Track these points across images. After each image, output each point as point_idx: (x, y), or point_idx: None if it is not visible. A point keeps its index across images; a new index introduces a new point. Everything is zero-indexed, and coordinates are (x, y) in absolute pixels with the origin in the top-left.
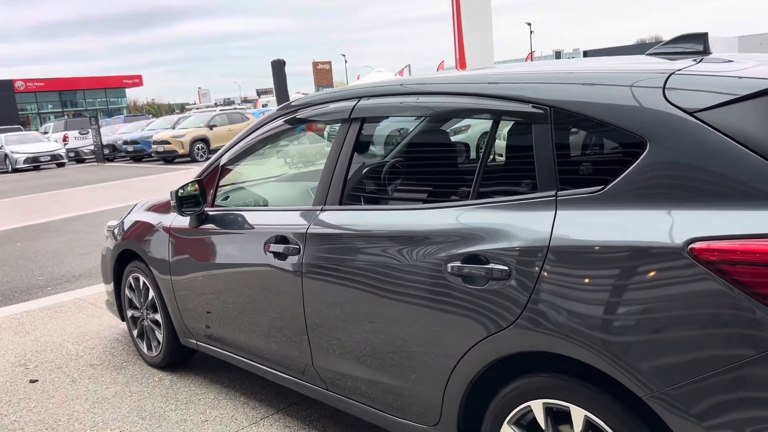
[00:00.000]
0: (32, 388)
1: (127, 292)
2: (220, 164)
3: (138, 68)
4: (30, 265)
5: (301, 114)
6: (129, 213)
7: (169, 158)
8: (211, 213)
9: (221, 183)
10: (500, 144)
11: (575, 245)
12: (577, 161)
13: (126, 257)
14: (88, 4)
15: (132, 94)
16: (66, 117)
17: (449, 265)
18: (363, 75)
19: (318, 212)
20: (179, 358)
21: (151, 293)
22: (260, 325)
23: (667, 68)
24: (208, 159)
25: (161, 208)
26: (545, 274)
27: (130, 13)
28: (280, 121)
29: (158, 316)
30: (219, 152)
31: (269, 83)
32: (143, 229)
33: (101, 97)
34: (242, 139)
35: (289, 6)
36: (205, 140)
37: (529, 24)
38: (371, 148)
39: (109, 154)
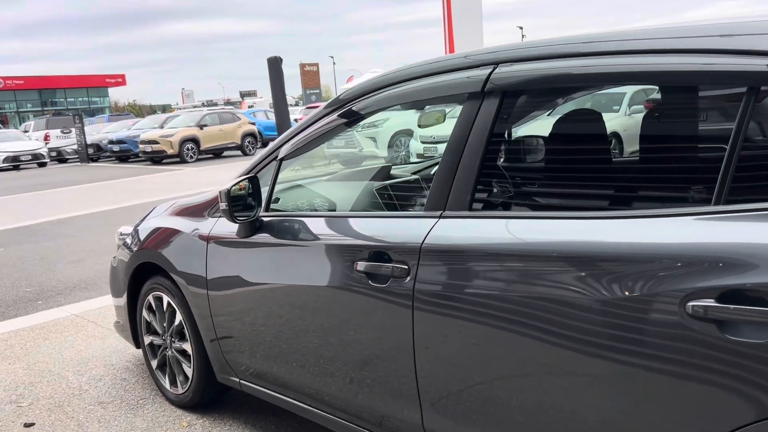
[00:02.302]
0: None
1: (145, 314)
2: (279, 157)
3: (120, 69)
4: (15, 274)
5: (389, 93)
6: (147, 217)
7: (157, 159)
8: (266, 219)
9: (278, 181)
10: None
11: None
12: None
13: (144, 271)
14: (70, 3)
15: (114, 94)
16: (47, 115)
17: (691, 304)
18: (356, 77)
19: (435, 221)
20: (211, 397)
21: (179, 317)
22: (339, 366)
23: None
24: (198, 160)
25: (194, 211)
26: None
27: (112, 13)
28: (362, 104)
29: (187, 346)
30: (275, 142)
31: (253, 85)
32: (170, 238)
33: (83, 96)
34: (307, 127)
35: (275, 8)
36: (195, 140)
37: (521, 28)
38: (518, 131)
39: (93, 154)
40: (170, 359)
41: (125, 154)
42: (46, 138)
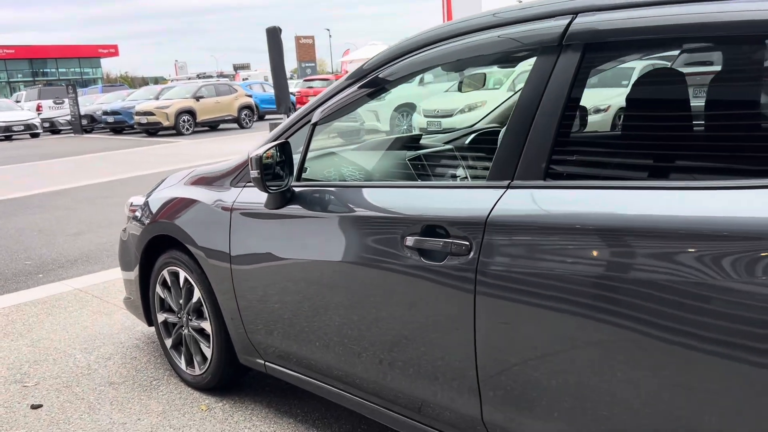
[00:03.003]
0: (35, 417)
1: (158, 290)
2: (312, 121)
3: (113, 40)
4: (14, 246)
5: (436, 52)
6: (160, 188)
7: (153, 131)
8: (297, 189)
9: (310, 148)
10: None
11: None
12: None
13: (158, 245)
14: None
15: (106, 65)
16: (39, 85)
17: None
18: (353, 50)
19: (502, 191)
20: (231, 379)
21: (197, 294)
22: (377, 348)
23: None
24: (194, 133)
25: (215, 180)
26: None
27: None
28: (401, 65)
29: (205, 324)
30: (307, 105)
31: (246, 58)
32: (189, 209)
33: (75, 66)
34: (341, 90)
35: None
36: (191, 112)
37: (520, 1)
38: (604, 91)
39: (87, 125)
40: (187, 338)
41: (120, 125)
42: (39, 108)
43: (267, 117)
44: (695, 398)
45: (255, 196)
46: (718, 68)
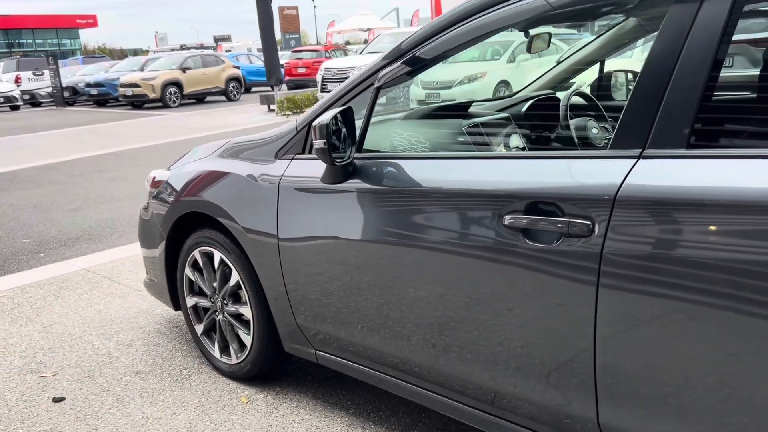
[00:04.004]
0: (59, 411)
1: (187, 271)
2: (376, 85)
3: (90, 10)
4: (8, 223)
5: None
6: (185, 160)
7: (138, 103)
8: (358, 162)
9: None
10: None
11: None
12: None
13: (187, 223)
14: None
15: (83, 36)
16: (17, 56)
17: None
18: (338, 21)
19: (633, 162)
20: (271, 368)
21: (235, 276)
22: (477, 342)
23: None
24: (181, 105)
25: (257, 152)
26: None
27: None
28: (480, 23)
29: (244, 309)
30: (369, 66)
31: (227, 30)
32: (228, 184)
33: (52, 37)
34: (410, 50)
35: None
36: (177, 84)
37: None
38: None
39: (69, 97)
40: (221, 324)
41: (104, 97)
42: (17, 80)
43: (254, 89)
44: None
45: (307, 170)
46: None
